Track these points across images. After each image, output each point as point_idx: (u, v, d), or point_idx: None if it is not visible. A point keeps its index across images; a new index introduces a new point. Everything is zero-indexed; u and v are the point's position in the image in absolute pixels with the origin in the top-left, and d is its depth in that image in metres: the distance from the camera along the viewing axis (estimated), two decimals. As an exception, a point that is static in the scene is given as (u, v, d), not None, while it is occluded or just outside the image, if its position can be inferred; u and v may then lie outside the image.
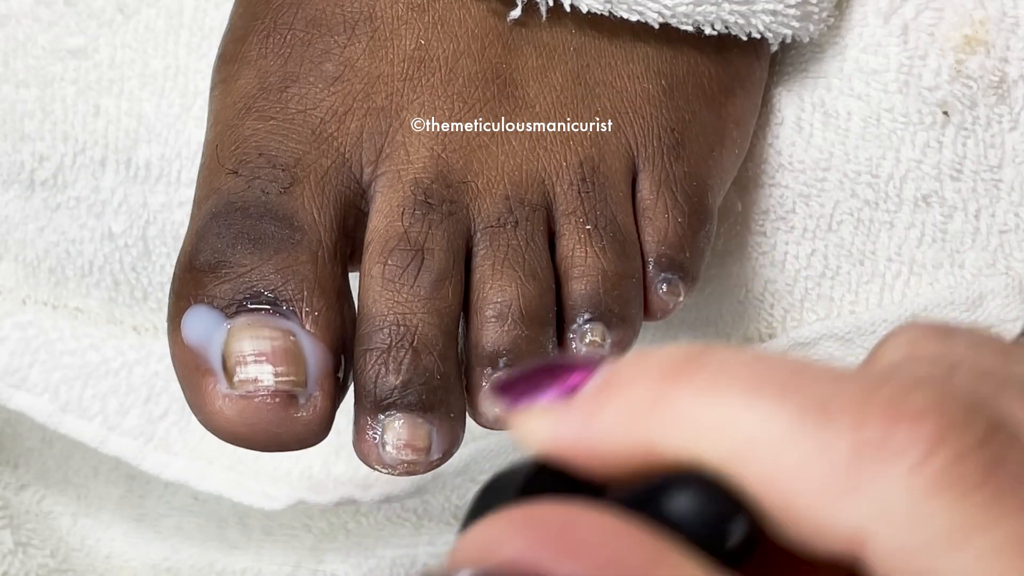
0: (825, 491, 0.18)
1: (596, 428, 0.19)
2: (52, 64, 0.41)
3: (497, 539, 0.18)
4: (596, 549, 0.18)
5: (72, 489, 0.44)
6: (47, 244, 0.42)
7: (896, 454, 0.17)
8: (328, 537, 0.44)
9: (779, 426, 0.18)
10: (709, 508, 0.18)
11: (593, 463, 0.20)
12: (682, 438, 0.19)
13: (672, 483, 0.19)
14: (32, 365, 0.42)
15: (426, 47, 0.35)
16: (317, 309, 0.33)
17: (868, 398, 0.18)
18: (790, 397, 0.18)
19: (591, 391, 0.20)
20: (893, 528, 0.17)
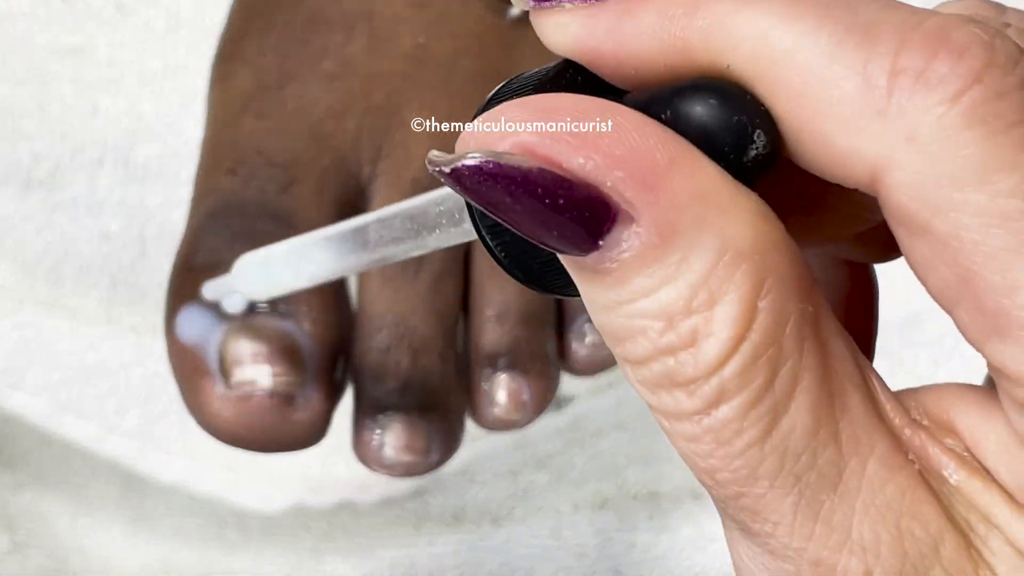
0: (855, 113, 0.17)
1: (628, 28, 0.19)
2: (50, 63, 0.41)
3: (510, 123, 0.17)
4: (611, 142, 0.17)
5: (70, 490, 0.44)
6: (44, 244, 0.41)
7: (934, 84, 0.17)
8: (327, 538, 0.44)
9: (818, 42, 0.17)
10: (732, 115, 0.18)
11: (622, 66, 0.19)
12: (717, 45, 0.18)
13: (697, 87, 0.18)
14: (30, 365, 0.42)
15: (425, 45, 0.35)
16: (315, 309, 0.33)
17: (915, 26, 0.17)
18: (834, 15, 0.17)
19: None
20: (917, 157, 0.17)
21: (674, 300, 0.17)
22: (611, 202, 0.17)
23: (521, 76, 0.20)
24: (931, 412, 0.19)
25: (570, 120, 0.17)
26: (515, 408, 0.34)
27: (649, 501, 0.43)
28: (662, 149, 0.17)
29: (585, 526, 0.43)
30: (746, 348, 0.17)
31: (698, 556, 0.42)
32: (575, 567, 0.43)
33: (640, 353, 0.18)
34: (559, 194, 0.17)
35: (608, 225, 0.17)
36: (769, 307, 0.17)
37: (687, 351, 0.17)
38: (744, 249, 0.17)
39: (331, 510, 0.43)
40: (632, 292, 0.17)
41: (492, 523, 0.43)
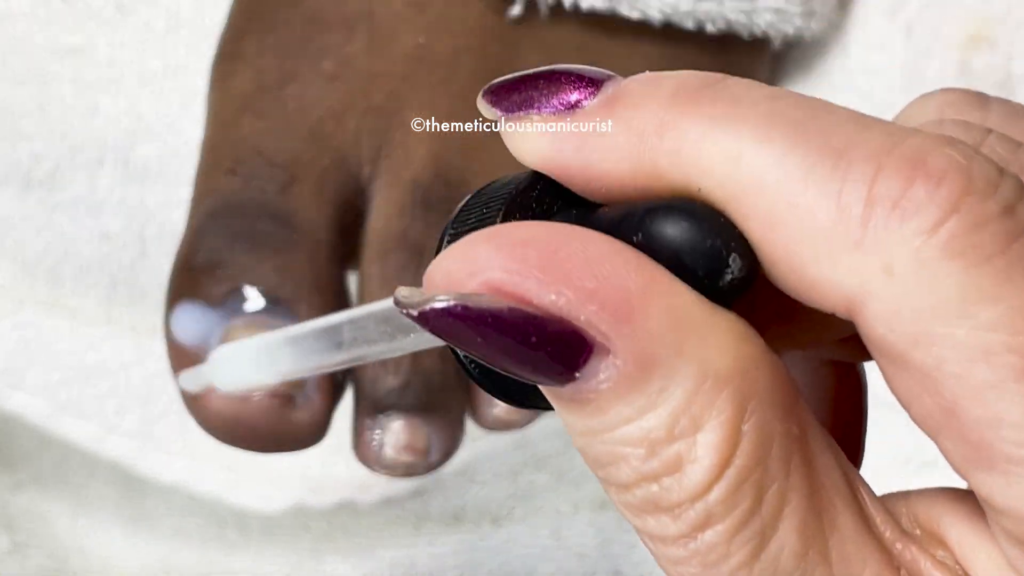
0: (830, 242, 0.17)
1: (596, 145, 0.18)
2: (50, 63, 0.41)
3: (477, 261, 0.17)
4: (582, 274, 0.17)
5: (70, 490, 0.44)
6: (44, 244, 0.41)
7: (911, 213, 0.16)
8: (327, 538, 0.44)
9: (790, 167, 0.17)
10: (706, 238, 0.17)
11: (591, 183, 0.19)
12: (687, 168, 0.18)
13: (670, 208, 0.18)
14: (30, 365, 0.41)
15: (426, 45, 0.35)
16: (315, 309, 0.33)
17: (890, 150, 0.17)
18: (806, 138, 0.17)
19: (596, 107, 0.19)
20: (895, 289, 0.17)
21: (655, 428, 0.17)
22: (586, 335, 0.17)
23: (491, 187, 0.20)
24: (921, 521, 0.19)
25: (540, 253, 0.17)
26: (515, 409, 0.34)
27: (650, 501, 0.43)
28: (635, 277, 0.17)
29: (585, 526, 0.43)
30: (731, 473, 0.17)
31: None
32: (575, 567, 0.42)
33: (623, 479, 0.18)
34: (531, 332, 0.17)
35: (584, 357, 0.17)
36: (753, 430, 0.17)
37: (671, 477, 0.17)
38: (724, 373, 0.17)
39: (331, 510, 0.43)
40: (612, 421, 0.17)
41: (492, 523, 0.43)
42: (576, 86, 0.19)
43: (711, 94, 0.18)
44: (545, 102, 0.19)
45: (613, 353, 0.17)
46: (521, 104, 0.19)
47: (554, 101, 0.19)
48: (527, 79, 0.19)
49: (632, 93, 0.18)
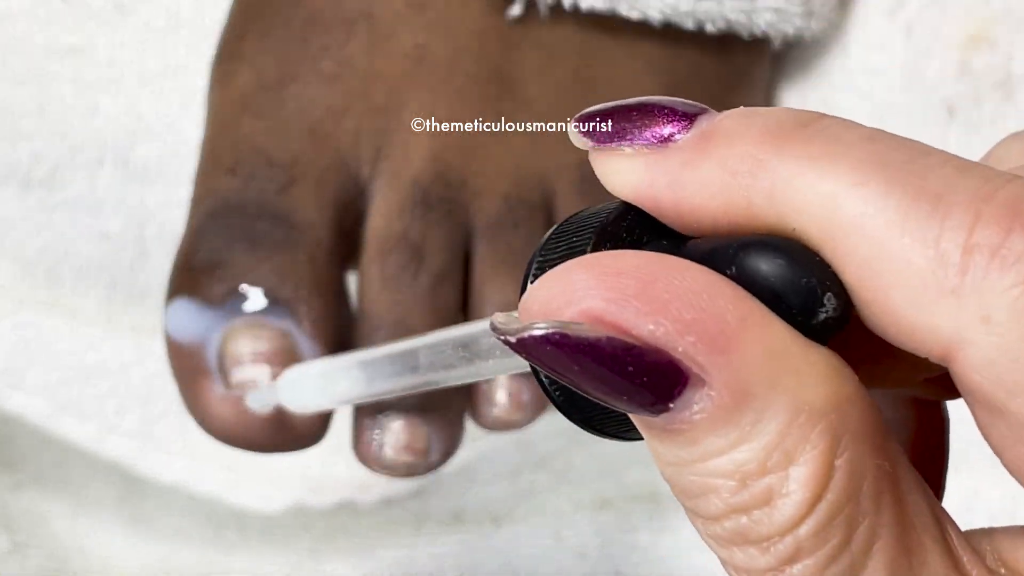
0: (925, 289, 0.17)
1: (689, 180, 0.18)
2: (50, 62, 0.41)
3: (575, 289, 0.17)
4: (681, 305, 0.17)
5: (70, 490, 0.44)
6: (44, 243, 0.41)
7: (1009, 262, 0.16)
8: (327, 538, 0.44)
9: (887, 211, 0.17)
10: (801, 276, 0.17)
11: (682, 215, 0.19)
12: (782, 208, 0.18)
13: (765, 244, 0.18)
14: (30, 365, 0.41)
15: (425, 45, 0.35)
16: (315, 309, 0.33)
17: (988, 197, 0.17)
18: (904, 182, 0.17)
19: (689, 142, 0.19)
20: (992, 338, 0.17)
21: (748, 460, 0.17)
22: (682, 366, 0.17)
23: (579, 216, 0.20)
24: (1006, 559, 0.18)
25: (638, 282, 0.17)
26: (515, 408, 0.34)
27: (650, 502, 0.43)
28: (732, 310, 0.17)
29: (586, 526, 0.43)
30: (822, 507, 0.17)
31: (699, 557, 0.42)
32: (576, 568, 0.42)
33: (712, 510, 0.18)
34: (629, 362, 0.17)
35: (679, 388, 0.17)
36: (846, 465, 0.17)
37: (761, 509, 0.17)
38: (819, 407, 0.17)
39: (331, 510, 0.43)
40: (704, 452, 0.17)
41: (492, 523, 0.43)
42: (669, 119, 0.19)
43: (806, 133, 0.18)
44: (638, 134, 0.19)
45: (708, 385, 0.17)
46: (613, 135, 0.19)
47: (647, 134, 0.19)
48: (620, 110, 0.19)
49: (726, 130, 0.18)
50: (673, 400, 0.17)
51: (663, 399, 0.17)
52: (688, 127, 0.19)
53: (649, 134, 0.19)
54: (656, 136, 0.19)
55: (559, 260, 0.19)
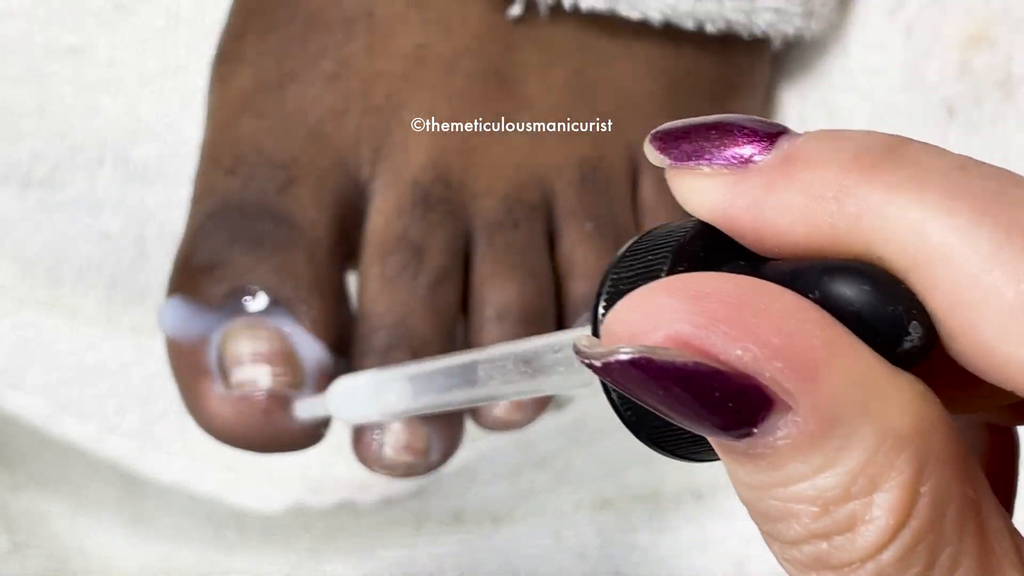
0: (1014, 324, 0.17)
1: (771, 203, 0.18)
2: (49, 62, 0.41)
3: (661, 313, 0.17)
4: (768, 330, 0.17)
5: (70, 490, 0.44)
6: (43, 243, 0.41)
7: None
8: (327, 538, 0.44)
9: (977, 243, 0.17)
10: (887, 304, 0.17)
11: (762, 239, 0.19)
12: (867, 235, 0.17)
13: (849, 270, 0.17)
14: (29, 365, 0.41)
15: (425, 45, 0.35)
16: (314, 309, 0.33)
17: None
18: (995, 213, 0.17)
19: (771, 164, 0.18)
20: None
21: (831, 486, 0.17)
22: (768, 391, 0.17)
23: (654, 233, 0.19)
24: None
25: (725, 306, 0.17)
26: (515, 408, 0.34)
27: (650, 501, 0.43)
28: (819, 335, 0.17)
29: (586, 526, 0.43)
30: (906, 534, 0.17)
31: (699, 557, 0.42)
32: (576, 568, 0.42)
33: (791, 535, 0.17)
34: (715, 387, 0.17)
35: (764, 413, 0.17)
36: (931, 492, 0.17)
37: (843, 536, 0.17)
38: (905, 434, 0.17)
39: (331, 510, 0.43)
40: (786, 477, 0.17)
41: (492, 523, 0.43)
42: (749, 139, 0.19)
43: (894, 160, 0.18)
44: (716, 154, 0.19)
45: (794, 410, 0.17)
46: (691, 154, 0.19)
47: (726, 153, 0.19)
48: (698, 128, 0.19)
49: (810, 154, 0.18)
50: (757, 425, 0.17)
51: (747, 424, 0.17)
52: (768, 148, 0.19)
53: (728, 154, 0.19)
54: (736, 157, 0.19)
55: (634, 279, 0.19)
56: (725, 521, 0.41)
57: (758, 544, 0.44)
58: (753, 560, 0.41)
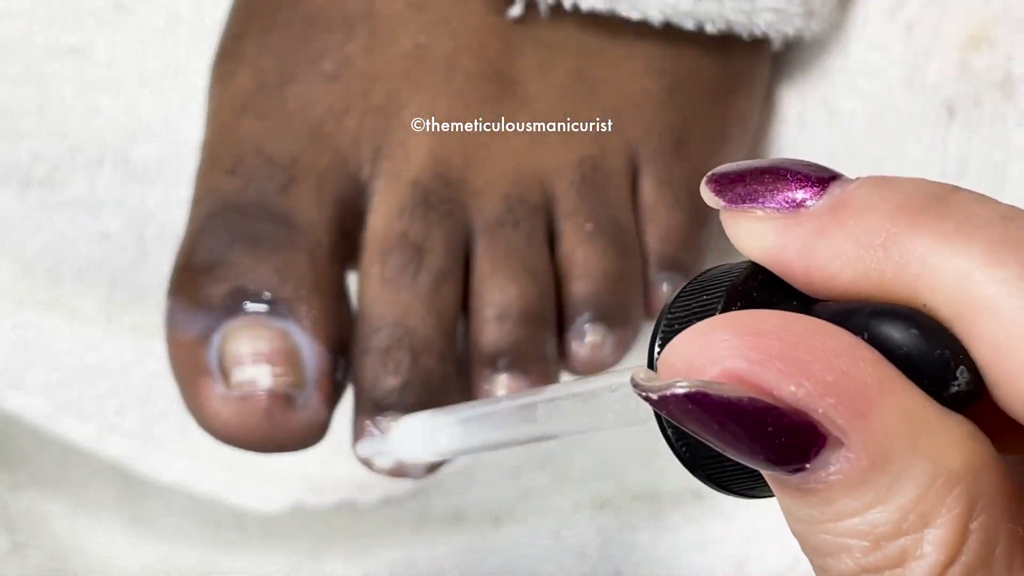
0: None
1: (822, 249, 0.19)
2: (49, 62, 0.41)
3: (717, 349, 0.17)
4: (823, 367, 0.17)
5: (69, 490, 0.44)
6: (43, 243, 0.41)
7: None
8: (327, 538, 0.44)
9: (1021, 295, 0.17)
10: (935, 348, 0.18)
11: (812, 281, 0.19)
12: (914, 283, 0.18)
13: (897, 314, 0.18)
14: (30, 365, 0.41)
15: (425, 45, 0.35)
16: (315, 309, 0.33)
17: None
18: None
19: (821, 210, 0.19)
20: None
21: (883, 522, 0.17)
22: (821, 428, 0.17)
23: (708, 274, 0.20)
24: None
25: (780, 343, 0.17)
26: None
27: (650, 501, 0.43)
28: (872, 373, 0.17)
29: (586, 526, 0.43)
30: (956, 570, 0.17)
31: (699, 557, 0.42)
32: (576, 567, 0.42)
33: (842, 569, 0.18)
34: (769, 422, 0.17)
35: (817, 449, 0.17)
36: (981, 528, 0.17)
37: (893, 571, 0.17)
38: (956, 471, 0.17)
39: (331, 510, 0.43)
40: (838, 512, 0.17)
41: (493, 523, 0.43)
42: (802, 184, 0.19)
43: (941, 209, 0.18)
44: (770, 197, 0.19)
45: (847, 446, 0.17)
46: (745, 197, 0.20)
47: (779, 198, 0.19)
48: (752, 171, 0.20)
49: (859, 201, 0.19)
50: (810, 460, 0.17)
51: (800, 459, 0.17)
52: (820, 193, 0.19)
53: (781, 198, 0.19)
54: (788, 201, 0.19)
55: (688, 318, 0.19)
56: (725, 521, 0.41)
57: (758, 544, 0.44)
58: (753, 560, 0.41)
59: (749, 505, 0.41)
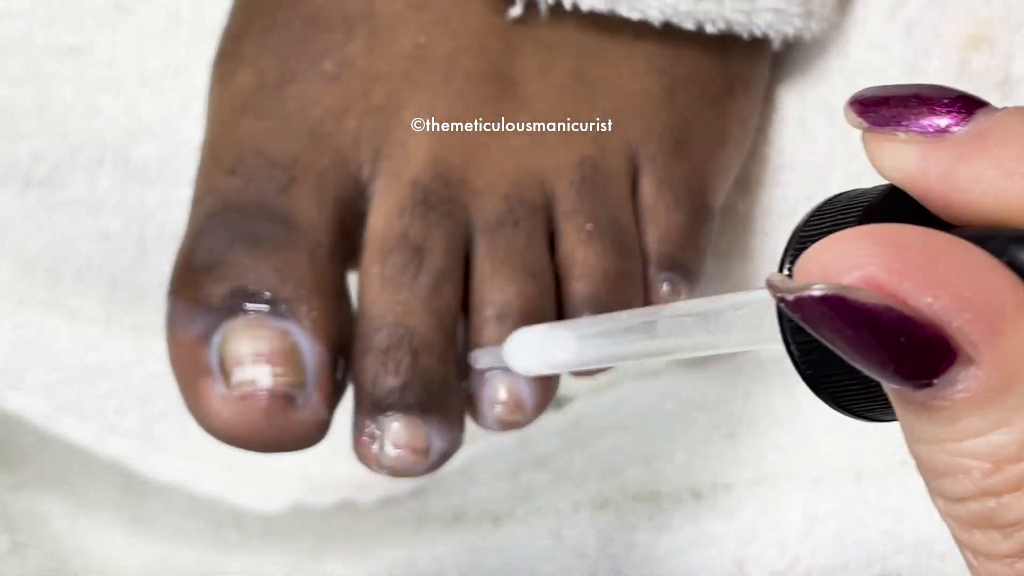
0: None
1: (963, 173, 0.19)
2: (49, 62, 0.41)
3: (857, 255, 0.17)
4: (961, 282, 0.17)
5: (70, 490, 0.44)
6: (44, 243, 0.41)
7: None
8: (327, 538, 0.44)
9: None
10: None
11: (950, 206, 0.19)
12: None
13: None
14: (29, 365, 0.41)
15: (425, 45, 0.35)
16: (315, 309, 0.33)
17: None
18: None
19: (966, 135, 0.19)
20: None
21: (1007, 444, 0.17)
22: (953, 343, 0.17)
23: (844, 196, 0.20)
24: None
25: (920, 255, 0.17)
26: (515, 408, 0.34)
27: (650, 501, 0.43)
28: (1010, 294, 0.17)
29: (585, 526, 0.43)
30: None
31: (699, 556, 0.42)
32: (575, 567, 0.42)
33: (958, 491, 0.18)
34: (902, 332, 0.17)
35: (946, 364, 0.17)
36: None
37: (1012, 495, 0.17)
38: None
39: (331, 510, 0.43)
40: (961, 431, 0.17)
41: (492, 523, 0.43)
42: (948, 110, 0.19)
43: None
44: (914, 121, 0.19)
45: (977, 364, 0.17)
46: (889, 119, 0.20)
47: (923, 122, 0.19)
48: (898, 96, 0.20)
49: (1004, 130, 0.19)
50: (938, 376, 0.17)
51: (928, 374, 0.17)
52: (965, 120, 0.19)
53: (926, 123, 0.19)
54: (932, 126, 0.19)
55: (823, 236, 0.19)
56: (725, 521, 0.41)
57: (757, 544, 0.44)
58: (752, 560, 0.41)
59: (749, 504, 0.41)
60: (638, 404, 0.42)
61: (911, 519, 0.40)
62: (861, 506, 0.40)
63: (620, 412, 0.43)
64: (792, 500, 0.41)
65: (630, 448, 0.43)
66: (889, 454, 0.40)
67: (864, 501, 0.40)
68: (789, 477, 0.41)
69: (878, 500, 0.40)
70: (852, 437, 0.41)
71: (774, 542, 0.41)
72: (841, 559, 0.40)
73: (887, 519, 0.40)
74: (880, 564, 0.40)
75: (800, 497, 0.41)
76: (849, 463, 0.41)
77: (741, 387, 0.42)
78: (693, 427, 0.42)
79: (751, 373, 0.42)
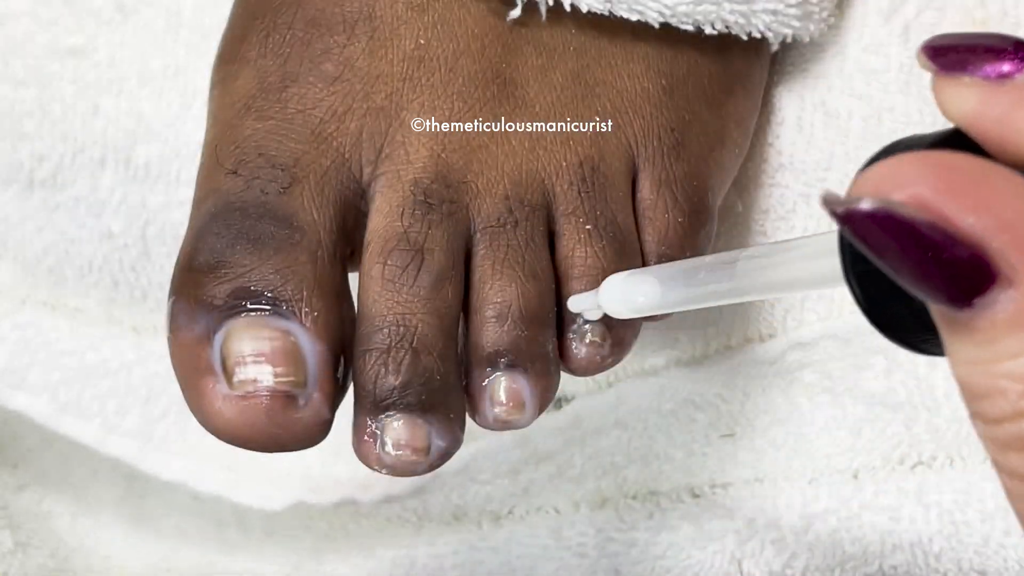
0: None
1: (1020, 117, 0.20)
2: (51, 63, 0.41)
3: (905, 176, 0.18)
4: (1003, 205, 0.18)
5: (71, 489, 0.44)
6: (46, 244, 0.42)
7: None
8: (328, 538, 0.44)
9: None
10: None
11: (1007, 148, 0.20)
12: None
13: None
14: (31, 365, 0.42)
15: (426, 47, 0.35)
16: (316, 309, 0.33)
17: None
18: None
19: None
20: None
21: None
22: (993, 264, 0.18)
23: (907, 139, 0.21)
24: None
25: (966, 179, 0.18)
26: (515, 408, 0.34)
27: (649, 500, 0.43)
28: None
29: (585, 525, 0.43)
30: None
31: (697, 555, 0.42)
32: (575, 566, 0.43)
33: (997, 412, 0.18)
34: (945, 249, 0.18)
35: (987, 285, 0.18)
36: None
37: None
38: None
39: (331, 510, 0.43)
40: (999, 352, 0.18)
41: (492, 522, 0.43)
42: (1011, 58, 0.20)
43: None
44: (979, 67, 0.20)
45: (1015, 286, 0.18)
46: (957, 64, 0.21)
47: (987, 68, 0.20)
48: (967, 43, 0.21)
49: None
50: (979, 296, 0.18)
51: (969, 294, 0.18)
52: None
53: (990, 68, 0.20)
54: (995, 72, 0.20)
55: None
56: (723, 519, 0.42)
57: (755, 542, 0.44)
58: (750, 558, 0.41)
59: (747, 503, 0.41)
60: (637, 404, 0.42)
61: (908, 518, 0.40)
62: (858, 505, 0.41)
63: (619, 411, 0.43)
64: (790, 499, 0.41)
65: (629, 447, 0.43)
66: (886, 453, 0.40)
67: (861, 500, 0.41)
68: (787, 476, 0.41)
69: (875, 499, 0.40)
70: (849, 436, 0.41)
71: (772, 540, 0.41)
72: (838, 557, 0.40)
73: (884, 518, 0.40)
74: (877, 562, 0.40)
75: (798, 496, 0.41)
76: (846, 462, 0.41)
77: (739, 387, 0.42)
78: (692, 426, 0.42)
79: (749, 373, 0.42)
